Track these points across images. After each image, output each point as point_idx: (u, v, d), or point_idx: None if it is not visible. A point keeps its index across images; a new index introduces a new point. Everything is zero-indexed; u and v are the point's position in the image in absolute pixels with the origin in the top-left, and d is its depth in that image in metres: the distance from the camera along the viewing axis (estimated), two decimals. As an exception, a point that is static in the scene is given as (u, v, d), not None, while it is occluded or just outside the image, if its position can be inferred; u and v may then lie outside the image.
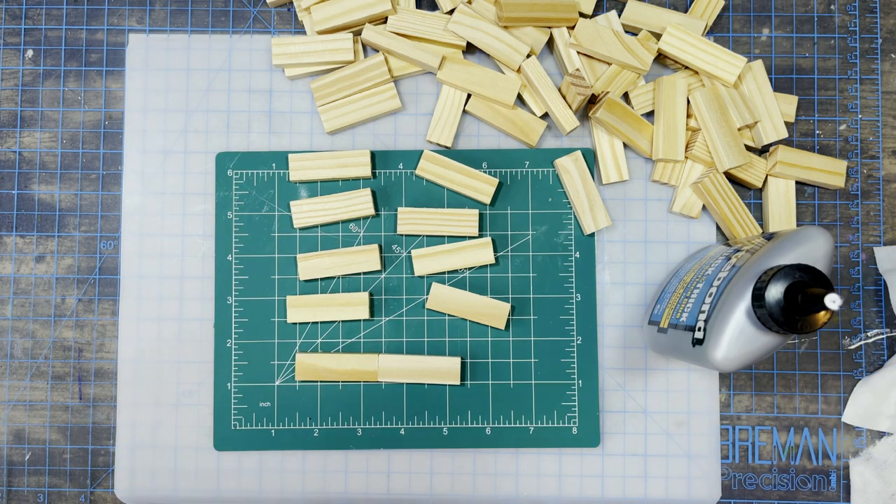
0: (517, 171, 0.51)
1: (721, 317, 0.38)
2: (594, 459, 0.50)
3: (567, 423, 0.50)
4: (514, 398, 0.50)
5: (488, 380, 0.50)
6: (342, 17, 0.49)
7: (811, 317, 0.35)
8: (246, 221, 0.51)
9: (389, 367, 0.49)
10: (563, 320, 0.50)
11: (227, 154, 0.51)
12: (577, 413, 0.50)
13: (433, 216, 0.50)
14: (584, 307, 0.50)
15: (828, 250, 0.39)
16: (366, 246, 0.50)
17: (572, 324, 0.50)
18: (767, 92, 0.50)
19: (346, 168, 0.50)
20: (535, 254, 0.50)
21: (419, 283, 0.50)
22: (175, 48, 0.52)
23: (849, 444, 0.50)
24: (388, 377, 0.49)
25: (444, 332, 0.50)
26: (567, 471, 0.50)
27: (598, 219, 0.50)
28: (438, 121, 0.50)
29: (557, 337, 0.50)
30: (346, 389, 0.50)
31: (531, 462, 0.50)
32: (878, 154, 0.51)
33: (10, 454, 0.50)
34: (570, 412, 0.50)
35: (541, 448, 0.50)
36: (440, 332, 0.50)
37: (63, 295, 0.51)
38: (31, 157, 0.51)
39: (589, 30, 0.49)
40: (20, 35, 0.52)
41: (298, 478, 0.50)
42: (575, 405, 0.50)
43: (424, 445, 0.50)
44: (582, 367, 0.50)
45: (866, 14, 0.52)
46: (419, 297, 0.50)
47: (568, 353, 0.50)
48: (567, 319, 0.50)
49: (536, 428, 0.50)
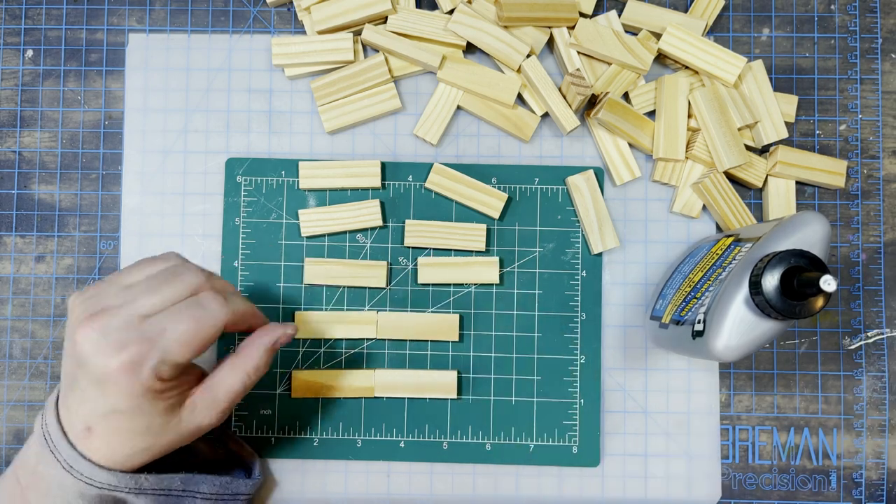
0: (527, 187, 0.51)
1: (720, 306, 0.38)
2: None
3: (567, 442, 0.49)
4: (516, 415, 0.50)
5: (490, 395, 0.50)
6: (342, 17, 0.49)
7: (809, 301, 0.36)
8: (253, 228, 0.50)
9: (387, 382, 0.49)
10: (567, 339, 0.50)
11: (236, 160, 0.51)
12: (577, 432, 0.49)
13: (441, 229, 0.50)
14: (589, 326, 0.50)
15: (824, 235, 0.39)
16: (376, 261, 0.50)
17: (576, 342, 0.50)
18: (767, 92, 0.50)
19: (356, 178, 0.50)
20: (541, 271, 0.50)
21: (424, 295, 0.50)
22: (175, 48, 0.52)
23: (849, 444, 0.50)
24: (385, 392, 0.49)
25: (447, 346, 0.50)
26: (567, 470, 0.50)
27: (606, 239, 0.50)
28: (428, 117, 0.50)
29: (561, 355, 0.50)
30: (347, 400, 0.50)
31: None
32: (878, 154, 0.51)
33: (8, 454, 0.50)
34: (570, 431, 0.49)
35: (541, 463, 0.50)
36: (443, 345, 0.50)
37: (63, 295, 0.51)
38: (31, 157, 0.51)
39: (589, 30, 0.49)
40: (20, 35, 0.52)
41: (298, 478, 0.50)
42: (576, 424, 0.49)
43: (424, 459, 0.50)
44: (584, 387, 0.50)
45: (866, 14, 0.52)
46: (423, 309, 0.50)
47: (571, 371, 0.50)
48: (571, 338, 0.50)
49: (537, 445, 0.49)
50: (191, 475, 0.42)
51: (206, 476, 0.43)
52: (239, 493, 0.44)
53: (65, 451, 0.38)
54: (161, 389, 0.37)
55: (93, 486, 0.38)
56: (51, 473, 0.38)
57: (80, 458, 0.37)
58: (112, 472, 0.38)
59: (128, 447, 0.38)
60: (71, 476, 0.37)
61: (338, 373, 0.49)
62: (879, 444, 0.50)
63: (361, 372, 0.49)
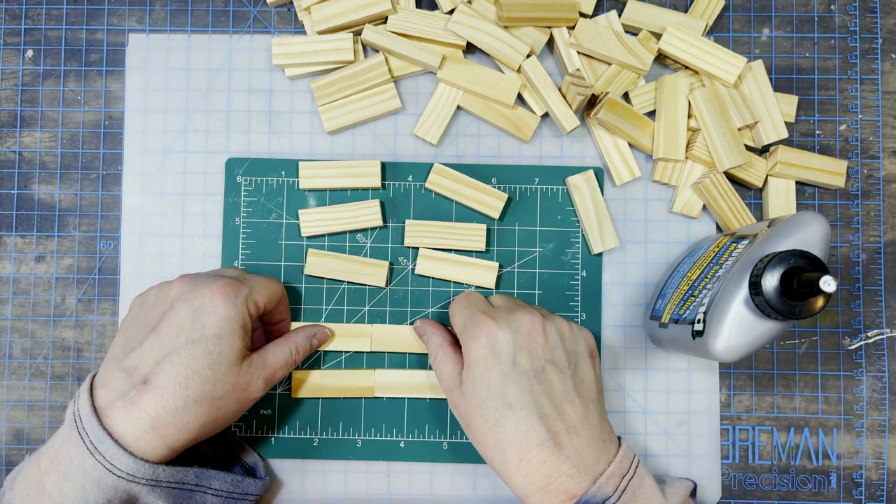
0: (527, 187, 0.51)
1: (720, 307, 0.38)
2: (594, 459, 0.50)
3: None
4: None
5: None
6: (342, 17, 0.49)
7: (809, 301, 0.35)
8: (253, 228, 0.51)
9: (386, 382, 0.49)
10: None
11: (236, 160, 0.51)
12: None
13: (441, 229, 0.50)
14: (589, 326, 0.50)
15: (824, 235, 0.39)
16: (377, 260, 0.50)
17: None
18: (767, 92, 0.50)
19: (357, 178, 0.50)
20: (541, 271, 0.50)
21: (424, 295, 0.50)
22: (175, 48, 0.52)
23: (849, 444, 0.50)
24: (385, 392, 0.49)
25: None
26: (567, 471, 0.50)
27: (606, 239, 0.50)
28: (428, 117, 0.50)
29: None
30: (347, 400, 0.50)
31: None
32: (878, 154, 0.51)
33: (8, 454, 0.50)
34: None
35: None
36: None
37: (63, 295, 0.51)
38: (31, 157, 0.51)
39: (589, 30, 0.49)
40: (20, 35, 0.52)
41: (298, 477, 0.50)
42: None
43: (424, 459, 0.50)
44: None
45: (866, 14, 0.52)
46: (423, 309, 0.50)
47: None
48: None
49: None
50: (204, 470, 0.42)
51: (219, 472, 0.43)
52: (248, 493, 0.45)
53: (92, 431, 0.38)
54: (245, 325, 0.42)
55: (112, 472, 0.38)
56: (72, 455, 0.38)
57: (106, 438, 0.38)
58: (133, 457, 0.38)
59: (181, 397, 0.39)
60: (93, 458, 0.38)
61: (338, 373, 0.49)
62: (879, 444, 0.50)
63: (361, 372, 0.49)
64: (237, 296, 0.41)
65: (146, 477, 0.39)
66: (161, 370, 0.39)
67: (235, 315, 0.41)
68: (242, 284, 0.42)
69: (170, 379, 0.39)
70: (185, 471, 0.41)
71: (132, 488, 0.39)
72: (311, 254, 0.49)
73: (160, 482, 0.40)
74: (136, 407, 0.39)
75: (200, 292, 0.41)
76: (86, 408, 0.39)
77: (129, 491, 0.39)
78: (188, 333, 0.40)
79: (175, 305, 0.41)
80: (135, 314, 0.43)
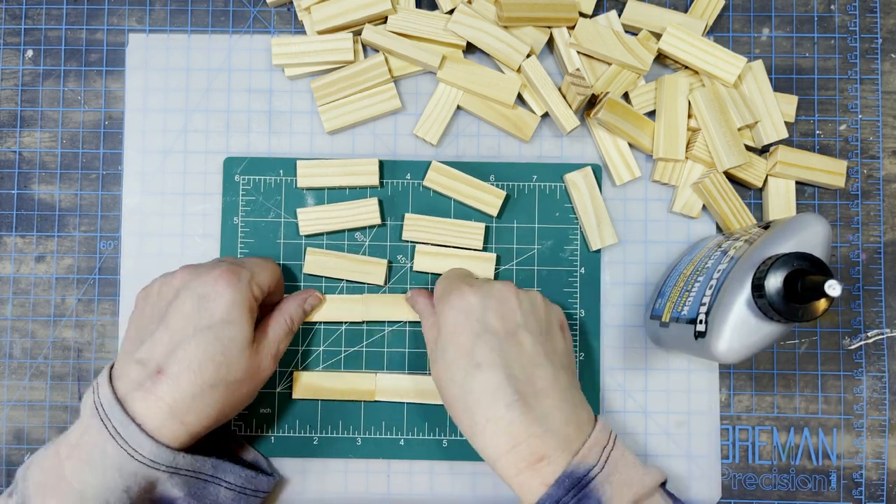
0: (525, 184, 0.51)
1: (722, 308, 0.38)
2: (594, 459, 0.50)
3: None
4: None
5: None
6: (342, 17, 0.49)
7: (812, 304, 0.35)
8: (252, 227, 0.51)
9: (387, 387, 0.49)
10: None
11: (234, 159, 0.51)
12: None
13: (440, 225, 0.50)
14: (588, 323, 0.50)
15: (825, 237, 0.39)
16: (376, 258, 0.50)
17: (575, 339, 0.50)
18: (767, 92, 0.50)
19: (355, 176, 0.50)
20: (539, 268, 0.50)
21: (420, 286, 0.50)
22: (175, 48, 0.52)
23: (849, 444, 0.50)
24: (386, 397, 0.49)
25: None
26: (567, 471, 0.50)
27: (604, 235, 0.50)
28: (428, 117, 0.50)
29: None
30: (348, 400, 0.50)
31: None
32: (878, 154, 0.51)
33: (9, 454, 0.50)
34: None
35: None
36: None
37: (63, 295, 0.51)
38: (31, 157, 0.51)
39: (589, 30, 0.49)
40: (20, 35, 0.52)
41: (298, 478, 0.50)
42: None
43: (424, 457, 0.50)
44: (584, 384, 0.50)
45: (866, 14, 0.52)
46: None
47: None
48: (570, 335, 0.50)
49: None
50: (221, 461, 0.43)
51: (234, 466, 0.44)
52: (260, 490, 0.45)
53: (115, 417, 0.39)
54: (252, 308, 0.42)
55: (134, 458, 0.38)
56: (94, 442, 0.39)
57: (130, 423, 0.38)
58: (156, 442, 0.39)
59: (196, 384, 0.40)
60: (115, 443, 0.38)
61: (338, 375, 0.49)
62: (879, 444, 0.50)
63: (363, 374, 0.49)
64: (240, 279, 0.42)
65: (166, 463, 0.39)
66: (174, 359, 0.40)
67: (241, 299, 0.42)
68: (243, 268, 0.43)
69: (183, 367, 0.40)
70: (203, 460, 0.42)
71: (152, 475, 0.39)
72: (309, 252, 0.50)
73: (179, 469, 0.40)
74: (154, 396, 0.39)
75: (204, 280, 0.41)
76: (108, 395, 0.39)
77: (148, 477, 0.39)
78: (196, 321, 0.40)
79: (180, 294, 0.41)
80: (141, 307, 0.43)
